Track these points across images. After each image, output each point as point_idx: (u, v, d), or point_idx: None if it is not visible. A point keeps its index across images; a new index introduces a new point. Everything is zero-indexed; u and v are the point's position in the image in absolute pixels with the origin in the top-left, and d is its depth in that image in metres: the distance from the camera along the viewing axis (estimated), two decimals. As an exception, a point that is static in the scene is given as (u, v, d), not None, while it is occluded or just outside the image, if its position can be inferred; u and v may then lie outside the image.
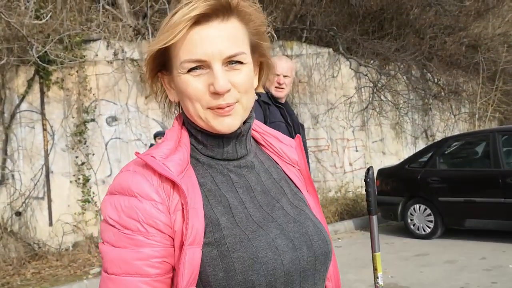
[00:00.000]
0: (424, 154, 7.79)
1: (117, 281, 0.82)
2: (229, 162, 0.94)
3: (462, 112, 13.31)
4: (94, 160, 7.44)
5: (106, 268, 0.84)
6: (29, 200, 7.07)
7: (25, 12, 6.98)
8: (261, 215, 0.90)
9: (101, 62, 7.60)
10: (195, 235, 0.82)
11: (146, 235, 0.82)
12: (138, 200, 0.83)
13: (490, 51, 13.34)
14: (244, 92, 0.89)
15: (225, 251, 0.83)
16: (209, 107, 0.87)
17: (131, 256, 0.81)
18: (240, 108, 0.90)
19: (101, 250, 0.86)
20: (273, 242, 0.86)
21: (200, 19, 0.85)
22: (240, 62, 0.88)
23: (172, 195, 0.84)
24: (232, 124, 0.89)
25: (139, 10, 8.53)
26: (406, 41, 11.63)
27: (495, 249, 6.09)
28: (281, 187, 0.98)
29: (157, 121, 7.97)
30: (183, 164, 0.88)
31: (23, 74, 7.17)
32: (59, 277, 6.07)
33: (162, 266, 0.83)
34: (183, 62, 0.86)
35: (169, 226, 0.83)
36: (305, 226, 0.93)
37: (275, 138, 1.06)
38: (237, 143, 0.95)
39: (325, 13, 11.12)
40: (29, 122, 7.19)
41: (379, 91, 11.07)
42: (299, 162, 1.06)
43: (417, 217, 7.31)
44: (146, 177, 0.84)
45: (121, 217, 0.83)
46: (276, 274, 0.84)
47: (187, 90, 0.88)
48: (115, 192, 0.86)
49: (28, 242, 6.85)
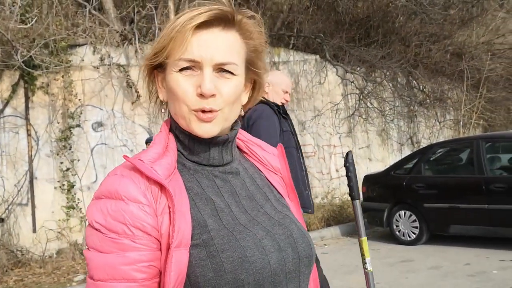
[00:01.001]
0: (409, 160, 7.85)
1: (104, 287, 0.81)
2: (214, 168, 0.96)
3: (447, 119, 13.47)
4: (79, 166, 7.37)
5: (92, 274, 0.83)
6: (12, 207, 6.97)
7: (10, 16, 6.91)
8: (247, 218, 0.92)
9: (87, 67, 7.55)
10: (181, 238, 0.83)
11: (132, 238, 0.82)
12: (125, 202, 0.83)
13: (474, 59, 13.53)
14: (228, 103, 0.91)
15: (214, 252, 0.84)
16: (194, 109, 0.89)
17: (117, 261, 0.81)
18: (221, 117, 0.91)
19: (86, 256, 0.85)
20: (260, 242, 0.88)
21: (202, 24, 0.89)
22: (230, 72, 0.91)
23: (159, 198, 0.85)
24: (210, 130, 0.91)
25: (126, 16, 8.49)
26: (392, 48, 11.75)
27: (479, 255, 6.15)
28: (264, 193, 1.00)
29: (144, 127, 7.93)
30: (171, 169, 0.89)
31: (8, 79, 7.08)
32: (43, 285, 5.99)
33: (149, 270, 0.83)
34: (177, 59, 0.89)
35: (156, 229, 0.83)
36: (289, 229, 0.94)
37: (258, 146, 1.08)
38: (223, 149, 0.96)
39: (312, 20, 11.20)
40: (13, 127, 7.10)
41: (365, 98, 11.16)
42: (281, 170, 1.08)
43: (402, 223, 7.36)
44: (133, 180, 0.85)
45: (108, 221, 0.83)
46: (264, 273, 0.85)
47: (176, 88, 0.90)
48: (102, 196, 0.86)
49: (11, 249, 6.74)
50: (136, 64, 7.83)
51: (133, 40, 7.96)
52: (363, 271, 1.45)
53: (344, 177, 10.57)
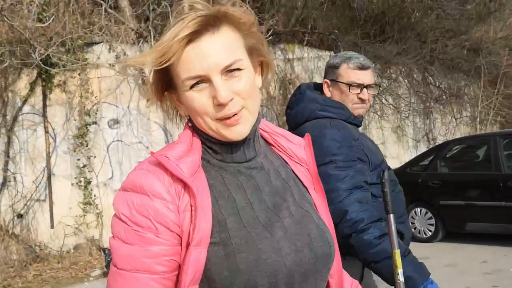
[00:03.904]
0: (425, 157, 7.78)
1: (127, 277, 0.85)
2: (239, 164, 0.96)
3: (464, 115, 13.30)
4: (96, 163, 7.46)
5: (115, 263, 0.87)
6: (30, 203, 7.09)
7: (28, 15, 7.01)
8: (267, 216, 0.92)
9: (103, 65, 7.62)
10: (201, 237, 0.85)
11: (156, 233, 0.85)
12: (150, 198, 0.86)
13: (492, 55, 13.32)
14: (248, 98, 0.91)
15: (231, 252, 0.85)
16: (217, 118, 0.90)
17: (140, 254, 0.84)
18: (247, 114, 0.92)
19: (111, 244, 0.89)
20: (277, 244, 0.89)
21: (192, 36, 0.88)
22: (238, 69, 0.90)
23: (182, 195, 0.87)
24: (242, 131, 0.92)
25: (141, 13, 8.55)
26: (408, 44, 11.63)
27: (496, 253, 6.08)
28: (289, 187, 1.00)
29: (159, 124, 7.99)
30: (195, 166, 0.91)
31: (26, 77, 7.20)
32: (60, 280, 6.08)
33: (170, 264, 0.86)
34: (183, 80, 0.89)
35: (177, 225, 0.86)
36: (308, 228, 0.95)
37: (284, 137, 1.08)
38: (245, 146, 0.97)
39: (326, 17, 11.13)
40: (31, 125, 7.21)
41: (380, 94, 11.06)
42: (307, 161, 1.07)
43: (418, 220, 7.30)
44: (158, 176, 0.87)
45: (133, 214, 0.86)
46: (278, 275, 0.86)
47: (193, 105, 0.91)
48: (128, 189, 0.89)
49: (29, 245, 6.87)
50: (151, 62, 7.88)
51: (148, 38, 8.01)
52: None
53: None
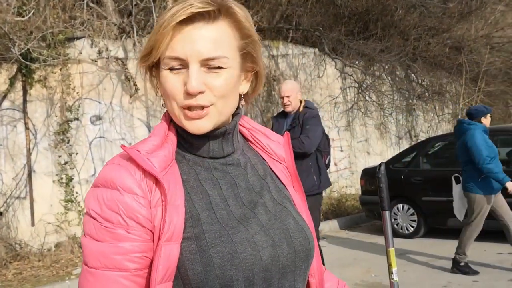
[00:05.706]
0: (407, 154, 7.86)
1: (97, 275, 0.83)
2: (215, 160, 0.95)
3: (446, 112, 13.48)
4: (78, 160, 7.36)
5: (86, 261, 0.85)
6: (10, 200, 6.96)
7: (7, 8, 6.87)
8: (243, 212, 0.91)
9: (85, 60, 7.52)
10: (172, 232, 0.83)
11: (126, 229, 0.83)
12: (120, 193, 0.84)
13: (473, 53, 13.51)
14: (220, 97, 0.89)
15: (204, 246, 0.84)
16: (182, 106, 0.88)
17: (110, 251, 0.82)
18: (215, 112, 0.89)
19: (82, 243, 0.87)
20: (253, 238, 0.87)
21: (187, 19, 0.86)
22: (220, 68, 0.88)
23: (154, 190, 0.85)
24: (202, 126, 0.89)
25: (124, 8, 8.45)
26: (391, 42, 11.71)
27: (476, 248, 6.17)
28: (266, 183, 0.99)
29: (142, 121, 7.92)
30: (167, 161, 0.89)
31: (5, 72, 7.05)
32: (41, 278, 6.00)
33: (142, 261, 0.83)
34: (165, 57, 0.88)
35: (149, 220, 0.84)
36: (286, 223, 0.93)
37: (263, 134, 1.07)
38: (223, 141, 0.95)
39: (311, 14, 11.15)
40: (11, 121, 7.08)
41: (364, 91, 11.14)
42: (286, 158, 1.06)
43: (400, 216, 7.38)
44: (129, 170, 0.85)
45: (103, 210, 0.84)
46: (255, 269, 0.85)
47: (166, 85, 0.89)
48: (99, 184, 0.87)
49: (9, 243, 6.75)
50: (134, 57, 7.80)
51: (131, 33, 7.92)
52: (388, 280, 1.46)
53: (342, 170, 10.60)
